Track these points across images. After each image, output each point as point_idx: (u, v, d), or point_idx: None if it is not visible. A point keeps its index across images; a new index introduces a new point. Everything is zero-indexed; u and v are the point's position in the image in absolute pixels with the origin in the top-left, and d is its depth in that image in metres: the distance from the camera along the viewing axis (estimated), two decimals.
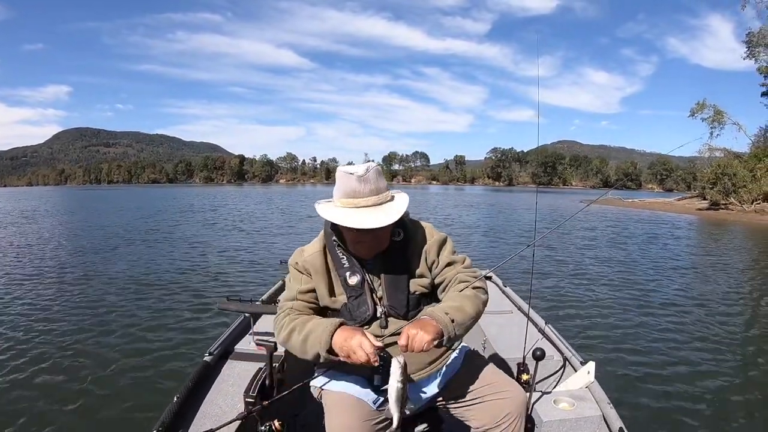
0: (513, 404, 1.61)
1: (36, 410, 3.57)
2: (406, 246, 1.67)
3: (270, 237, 15.07)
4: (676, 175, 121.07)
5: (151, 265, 9.65)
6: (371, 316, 1.63)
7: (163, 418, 1.76)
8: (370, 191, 1.54)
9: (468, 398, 1.67)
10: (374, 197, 1.54)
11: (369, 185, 1.53)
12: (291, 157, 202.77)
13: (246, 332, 2.58)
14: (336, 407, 1.60)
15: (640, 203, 40.41)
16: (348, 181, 1.53)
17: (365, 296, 1.63)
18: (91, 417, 3.50)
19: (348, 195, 1.54)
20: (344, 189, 1.54)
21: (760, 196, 29.58)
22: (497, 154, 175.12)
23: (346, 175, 1.53)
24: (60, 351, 4.76)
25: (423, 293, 1.69)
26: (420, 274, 1.68)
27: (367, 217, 1.50)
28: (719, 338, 5.33)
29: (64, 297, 6.96)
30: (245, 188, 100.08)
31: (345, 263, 1.65)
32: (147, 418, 3.26)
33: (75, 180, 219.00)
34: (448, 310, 1.53)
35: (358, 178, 1.52)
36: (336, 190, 1.58)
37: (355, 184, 1.52)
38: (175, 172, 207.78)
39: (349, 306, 1.64)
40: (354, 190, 1.53)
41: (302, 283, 1.66)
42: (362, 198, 1.53)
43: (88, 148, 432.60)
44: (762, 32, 32.02)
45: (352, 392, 1.62)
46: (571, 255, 11.30)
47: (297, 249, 1.74)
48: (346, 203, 1.54)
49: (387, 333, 1.62)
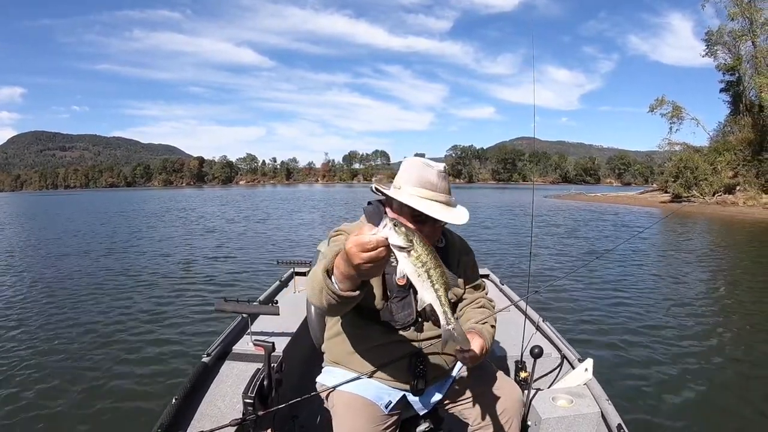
0: (510, 401, 1.63)
1: (36, 412, 3.59)
2: (446, 253, 1.63)
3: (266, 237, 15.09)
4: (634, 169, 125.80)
5: (147, 268, 9.61)
6: (413, 320, 1.56)
7: (162, 419, 1.75)
8: (445, 189, 1.51)
9: (467, 397, 1.68)
10: (447, 196, 1.51)
11: (445, 183, 1.52)
12: (251, 158, 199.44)
13: (244, 333, 2.58)
14: (345, 410, 1.56)
15: (604, 197, 41.48)
16: (427, 174, 1.49)
17: (410, 298, 1.55)
18: (91, 418, 3.51)
19: (425, 186, 1.47)
20: (421, 180, 1.48)
21: (721, 188, 30.71)
22: (457, 152, 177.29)
23: (426, 167, 1.50)
24: (58, 354, 4.78)
25: (455, 302, 1.68)
26: (456, 283, 1.66)
27: (443, 209, 1.47)
28: (717, 332, 5.40)
29: (62, 301, 6.95)
30: (206, 191, 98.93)
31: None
32: (146, 419, 3.30)
33: (31, 185, 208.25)
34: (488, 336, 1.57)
35: (439, 173, 1.50)
36: (408, 179, 1.49)
37: (435, 177, 1.49)
38: (133, 175, 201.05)
39: (391, 306, 1.55)
40: (433, 183, 1.48)
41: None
42: (439, 193, 1.49)
43: (44, 152, 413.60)
44: (720, 31, 33.19)
45: (363, 394, 1.57)
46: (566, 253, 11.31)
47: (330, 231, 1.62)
48: (423, 194, 1.47)
49: (421, 337, 1.58)
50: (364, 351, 1.60)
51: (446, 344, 1.34)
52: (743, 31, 31.59)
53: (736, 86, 34.13)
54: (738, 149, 31.59)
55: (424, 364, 1.54)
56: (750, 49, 31.62)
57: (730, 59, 33.22)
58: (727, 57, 33.51)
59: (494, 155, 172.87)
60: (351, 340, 1.62)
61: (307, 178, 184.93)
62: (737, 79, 33.76)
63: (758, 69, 30.48)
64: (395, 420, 1.60)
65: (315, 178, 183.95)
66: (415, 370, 1.53)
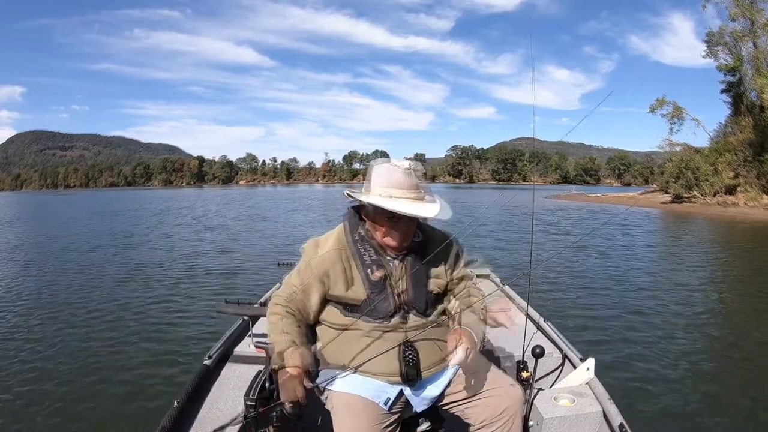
0: (511, 400, 1.65)
1: (35, 414, 3.57)
2: (425, 247, 1.69)
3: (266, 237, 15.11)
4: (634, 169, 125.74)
5: (148, 270, 9.59)
6: (393, 311, 1.61)
7: (164, 422, 1.75)
8: (413, 186, 1.58)
9: (468, 397, 1.69)
10: (416, 192, 1.58)
11: (413, 179, 1.58)
12: (251, 157, 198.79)
13: (245, 335, 2.58)
14: (345, 411, 1.57)
15: (604, 198, 41.46)
16: (393, 173, 1.57)
17: (387, 291, 1.62)
18: (92, 421, 3.52)
19: (393, 185, 1.55)
20: (388, 179, 1.56)
21: (722, 189, 30.67)
22: (457, 152, 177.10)
23: (392, 167, 1.58)
24: (58, 355, 4.78)
25: (438, 293, 1.73)
26: (437, 274, 1.72)
27: (411, 205, 1.54)
28: (720, 333, 5.39)
29: (62, 302, 6.98)
30: (206, 190, 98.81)
31: (367, 259, 1.63)
32: (148, 423, 3.23)
33: (31, 185, 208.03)
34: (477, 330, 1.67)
35: (404, 171, 1.57)
36: (377, 181, 1.58)
37: (401, 176, 1.56)
38: (133, 175, 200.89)
39: (370, 301, 1.61)
40: (399, 181, 1.56)
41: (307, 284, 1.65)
42: (406, 190, 1.56)
43: (44, 151, 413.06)
44: (721, 31, 33.20)
45: (362, 393, 1.58)
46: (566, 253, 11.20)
47: (311, 239, 1.73)
48: (391, 193, 1.55)
49: (408, 327, 1.63)
50: (354, 347, 1.63)
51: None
52: (744, 32, 31.58)
53: (737, 87, 34.04)
54: (739, 150, 31.54)
55: (414, 352, 1.58)
56: (751, 49, 31.58)
57: (731, 60, 33.17)
58: (728, 58, 33.45)
59: (494, 155, 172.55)
60: (340, 339, 1.66)
61: (308, 178, 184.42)
62: (738, 80, 33.68)
63: (759, 70, 30.50)
64: (396, 419, 1.61)
65: (315, 178, 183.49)
66: (406, 358, 1.57)
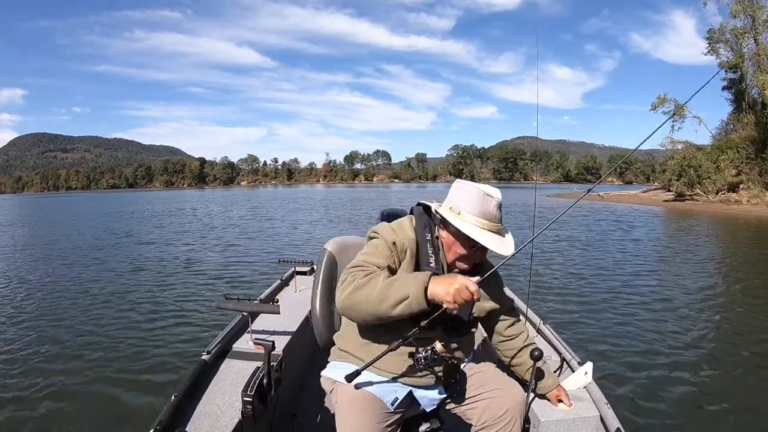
0: (513, 402, 1.67)
1: (35, 410, 3.61)
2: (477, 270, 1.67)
3: (267, 237, 15.13)
4: (635, 167, 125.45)
5: (149, 267, 9.71)
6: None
7: (161, 417, 1.75)
8: (500, 219, 1.61)
9: (470, 397, 1.71)
10: (500, 225, 1.62)
11: (500, 213, 1.62)
12: (252, 158, 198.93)
13: (244, 331, 2.59)
14: (349, 405, 1.56)
15: (607, 196, 41.31)
16: (487, 204, 1.58)
17: None
18: (90, 416, 3.54)
19: (485, 216, 1.58)
20: (481, 210, 1.58)
21: (725, 186, 30.62)
22: (458, 151, 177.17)
23: (486, 197, 1.58)
24: (58, 351, 4.82)
25: (478, 316, 1.75)
26: (483, 299, 1.72)
27: (499, 242, 1.57)
28: (719, 336, 5.37)
29: (62, 298, 7.06)
30: (207, 192, 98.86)
31: (432, 262, 1.61)
32: (145, 417, 3.32)
33: (32, 187, 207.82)
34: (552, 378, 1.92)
35: (497, 205, 1.59)
36: (469, 207, 1.58)
37: (494, 209, 1.59)
38: (134, 176, 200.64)
39: None
40: (492, 214, 1.59)
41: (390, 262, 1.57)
42: (495, 224, 1.59)
43: (45, 153, 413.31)
44: (722, 28, 33.19)
45: (369, 389, 1.57)
46: (566, 254, 11.20)
47: (380, 224, 1.69)
48: (482, 224, 1.58)
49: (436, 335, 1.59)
50: (376, 341, 1.60)
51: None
52: (745, 29, 31.56)
53: (739, 84, 34.03)
54: (741, 147, 31.52)
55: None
56: (752, 46, 31.53)
57: (732, 57, 33.13)
58: (730, 55, 33.45)
59: (496, 154, 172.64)
60: (363, 332, 1.64)
61: (309, 179, 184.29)
62: (740, 77, 33.66)
63: (761, 67, 30.40)
64: (398, 418, 1.61)
65: (316, 178, 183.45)
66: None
